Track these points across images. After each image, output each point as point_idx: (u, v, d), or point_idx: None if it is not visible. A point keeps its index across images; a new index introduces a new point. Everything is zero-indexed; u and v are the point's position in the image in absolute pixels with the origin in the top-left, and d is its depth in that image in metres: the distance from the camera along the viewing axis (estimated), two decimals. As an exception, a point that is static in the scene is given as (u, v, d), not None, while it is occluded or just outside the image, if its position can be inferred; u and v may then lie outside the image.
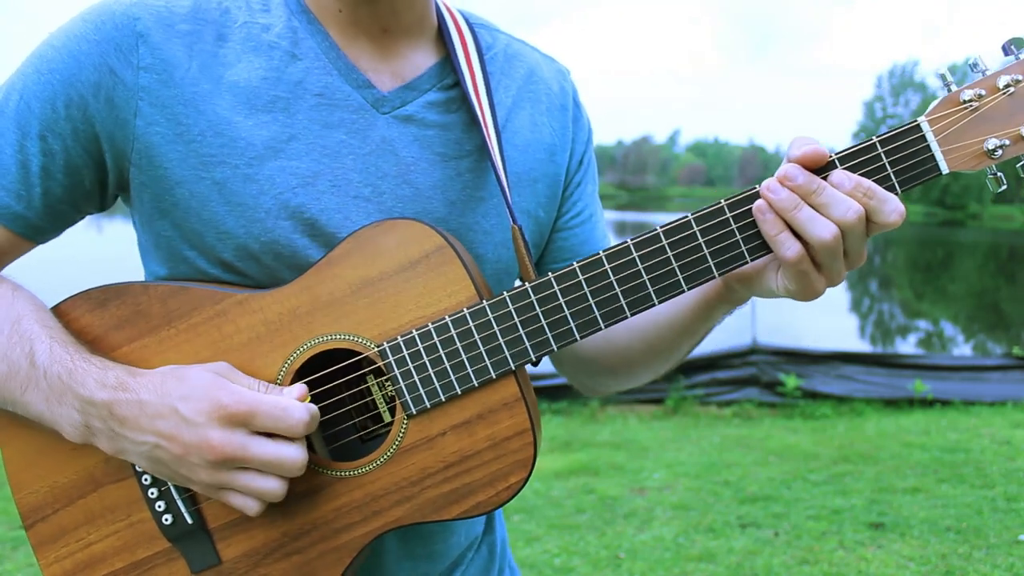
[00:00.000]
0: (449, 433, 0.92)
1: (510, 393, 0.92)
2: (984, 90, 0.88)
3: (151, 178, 0.95)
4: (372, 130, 0.98)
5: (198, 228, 0.95)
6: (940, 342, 13.36)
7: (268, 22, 0.98)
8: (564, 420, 6.72)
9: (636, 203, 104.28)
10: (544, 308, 0.92)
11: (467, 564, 1.16)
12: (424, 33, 1.05)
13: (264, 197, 0.94)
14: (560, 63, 1.18)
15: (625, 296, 0.91)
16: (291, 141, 0.95)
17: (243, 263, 0.96)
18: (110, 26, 0.93)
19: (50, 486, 0.98)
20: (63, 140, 0.94)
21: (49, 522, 0.98)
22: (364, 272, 0.92)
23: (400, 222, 0.93)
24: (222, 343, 0.94)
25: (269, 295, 0.94)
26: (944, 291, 20.10)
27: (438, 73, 1.04)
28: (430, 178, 1.01)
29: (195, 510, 0.95)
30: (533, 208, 1.09)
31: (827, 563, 3.86)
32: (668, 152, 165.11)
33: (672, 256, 0.90)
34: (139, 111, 0.93)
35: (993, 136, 0.87)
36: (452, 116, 1.03)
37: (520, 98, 1.09)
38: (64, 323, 0.97)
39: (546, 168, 1.10)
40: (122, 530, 0.97)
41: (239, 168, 0.94)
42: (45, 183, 0.96)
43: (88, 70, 0.93)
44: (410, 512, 0.93)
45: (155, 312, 0.95)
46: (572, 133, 1.13)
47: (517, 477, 0.92)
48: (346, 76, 0.98)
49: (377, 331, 0.92)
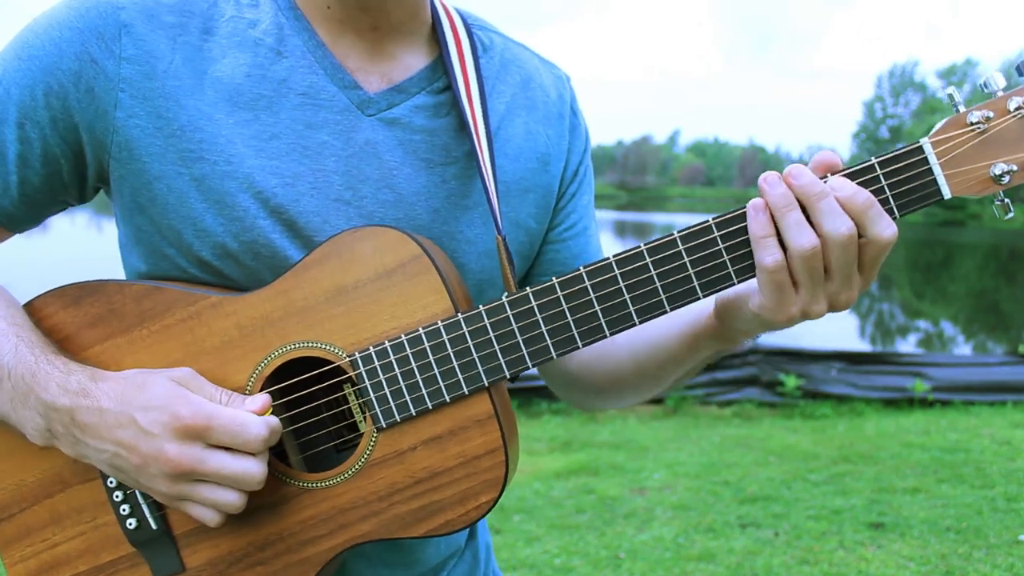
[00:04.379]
0: (419, 448, 0.90)
1: (483, 410, 0.90)
2: (992, 112, 0.83)
3: (130, 171, 0.93)
4: (356, 132, 0.96)
5: (176, 225, 0.93)
6: (940, 342, 13.35)
7: (255, 17, 0.96)
8: (564, 420, 6.71)
9: (636, 203, 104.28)
10: (520, 324, 0.89)
11: (449, 570, 1.14)
12: (416, 32, 1.02)
13: (243, 196, 0.92)
14: (560, 69, 1.15)
15: (605, 315, 0.88)
16: (272, 140, 0.93)
17: (221, 262, 0.94)
18: (94, 14, 0.91)
19: (16, 484, 0.97)
20: (41, 129, 0.92)
21: (14, 521, 0.97)
22: (339, 279, 0.90)
23: (377, 229, 0.90)
24: (194, 346, 0.92)
25: (243, 299, 0.92)
26: (944, 291, 20.09)
27: (429, 75, 1.01)
28: (413, 184, 0.98)
29: (160, 515, 0.94)
30: (523, 218, 1.05)
31: (827, 563, 3.86)
32: (668, 152, 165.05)
33: (655, 275, 0.86)
34: (119, 102, 0.91)
35: (1000, 161, 0.83)
36: (441, 121, 1.00)
37: (515, 104, 1.06)
38: (37, 320, 0.96)
39: (539, 178, 1.06)
40: (87, 532, 0.96)
41: (218, 165, 0.92)
42: (22, 171, 0.94)
43: (69, 58, 0.90)
44: (377, 528, 0.91)
45: (128, 311, 0.94)
46: (568, 143, 1.10)
47: (487, 497, 0.90)
48: (332, 76, 0.96)
49: (350, 340, 0.90)
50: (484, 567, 1.21)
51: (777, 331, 0.93)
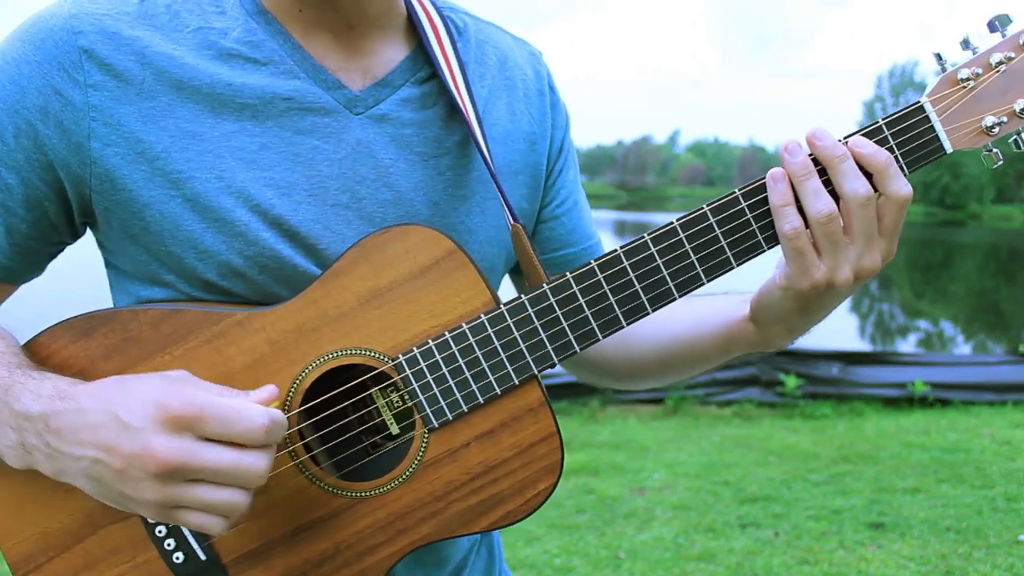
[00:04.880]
0: (473, 444, 0.89)
1: (534, 398, 0.90)
2: (980, 68, 0.88)
3: (115, 202, 0.88)
4: (346, 133, 0.93)
5: (175, 250, 0.89)
6: (940, 342, 13.35)
7: (224, 26, 0.91)
8: (564, 420, 6.71)
9: (636, 203, 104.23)
10: (564, 309, 0.89)
11: (470, 567, 1.14)
12: (392, 24, 0.99)
13: (240, 211, 0.89)
14: (531, 45, 1.12)
15: (646, 292, 0.89)
16: (262, 151, 0.90)
17: (228, 281, 0.91)
18: (49, 44, 0.86)
19: (41, 533, 0.90)
20: (18, 173, 0.88)
21: (43, 572, 0.91)
22: (373, 282, 0.88)
23: (407, 228, 0.88)
24: (223, 366, 0.88)
25: (271, 312, 0.89)
26: (944, 291, 20.09)
27: (411, 66, 0.98)
28: (410, 180, 0.96)
29: (207, 545, 0.90)
30: (517, 201, 1.05)
31: (827, 563, 3.86)
32: (668, 152, 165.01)
33: (690, 249, 0.89)
34: (93, 132, 0.86)
35: (990, 114, 0.88)
36: (429, 112, 0.98)
37: (496, 86, 1.04)
38: (45, 356, 0.90)
39: (527, 159, 1.05)
40: (127, 573, 0.90)
41: (209, 183, 0.88)
42: (7, 220, 0.89)
43: (32, 95, 0.86)
44: (437, 528, 0.90)
45: (147, 338, 0.89)
46: (551, 119, 1.09)
47: (546, 483, 0.90)
48: (314, 78, 0.93)
49: (390, 343, 0.88)
50: (499, 563, 1.21)
51: (812, 321, 0.95)
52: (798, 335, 0.98)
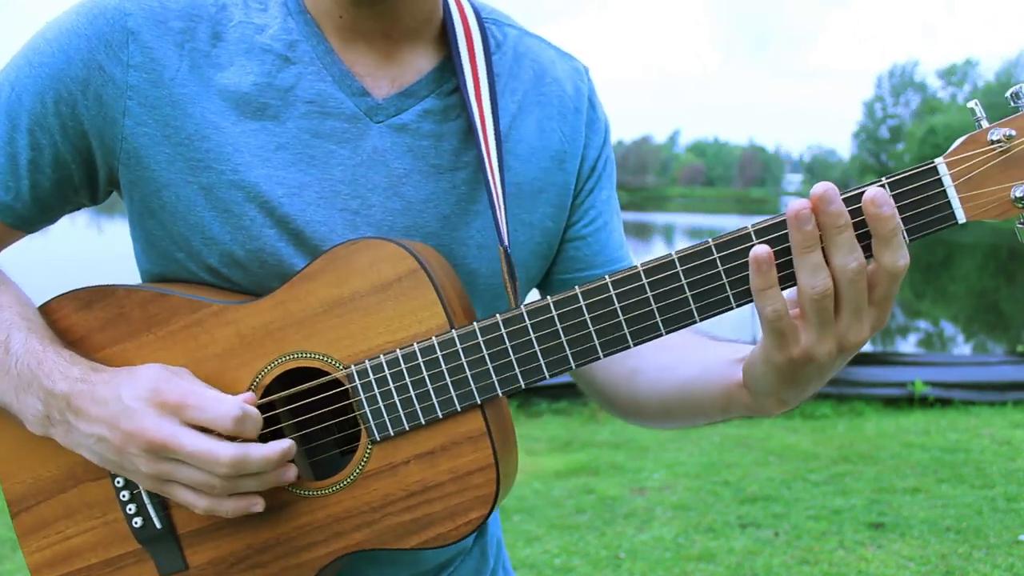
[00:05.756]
0: (412, 462, 0.91)
1: (475, 427, 0.89)
2: (1015, 130, 0.76)
3: (139, 178, 0.94)
4: (364, 140, 0.95)
5: (185, 231, 0.94)
6: (940, 342, 13.36)
7: (264, 22, 0.95)
8: (564, 420, 6.71)
9: (636, 203, 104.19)
10: (514, 342, 0.87)
11: (455, 567, 1.13)
12: (428, 33, 1.00)
13: (249, 205, 0.92)
14: (578, 60, 1.11)
15: (599, 336, 0.85)
16: (279, 151, 0.93)
17: (229, 270, 0.95)
18: (101, 21, 0.91)
19: (34, 478, 1.00)
20: (51, 135, 0.93)
21: (32, 513, 1.00)
22: (336, 290, 0.90)
23: (374, 241, 0.90)
24: (197, 352, 0.93)
25: (244, 308, 0.93)
26: (944, 291, 20.09)
27: (438, 78, 0.99)
28: (422, 191, 0.97)
29: (164, 515, 0.96)
30: (539, 219, 1.04)
31: (827, 563, 3.86)
32: (668, 152, 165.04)
33: (651, 296, 0.84)
34: (128, 110, 0.91)
35: (1022, 183, 0.76)
36: (450, 124, 0.99)
37: (527, 102, 1.03)
38: (52, 320, 0.98)
39: (553, 177, 1.04)
40: (98, 527, 0.98)
41: (224, 175, 0.92)
42: (33, 176, 0.95)
43: (77, 66, 0.91)
44: (370, 537, 0.92)
45: (136, 316, 0.95)
46: (585, 137, 1.07)
47: (477, 513, 0.90)
48: (340, 83, 0.95)
49: (346, 352, 0.90)
50: (493, 563, 1.20)
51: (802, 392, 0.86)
52: (793, 405, 0.90)
